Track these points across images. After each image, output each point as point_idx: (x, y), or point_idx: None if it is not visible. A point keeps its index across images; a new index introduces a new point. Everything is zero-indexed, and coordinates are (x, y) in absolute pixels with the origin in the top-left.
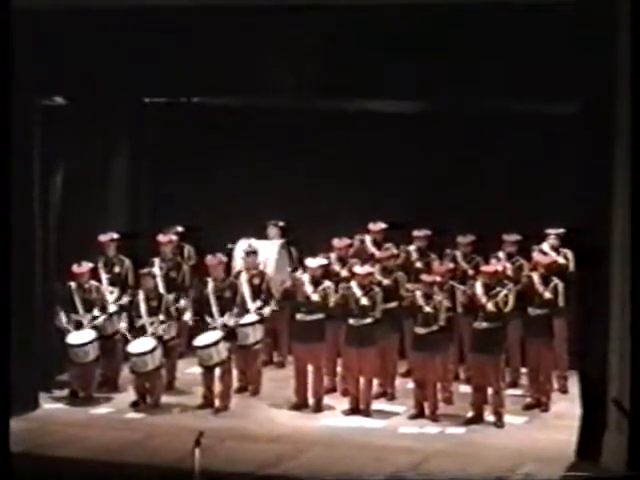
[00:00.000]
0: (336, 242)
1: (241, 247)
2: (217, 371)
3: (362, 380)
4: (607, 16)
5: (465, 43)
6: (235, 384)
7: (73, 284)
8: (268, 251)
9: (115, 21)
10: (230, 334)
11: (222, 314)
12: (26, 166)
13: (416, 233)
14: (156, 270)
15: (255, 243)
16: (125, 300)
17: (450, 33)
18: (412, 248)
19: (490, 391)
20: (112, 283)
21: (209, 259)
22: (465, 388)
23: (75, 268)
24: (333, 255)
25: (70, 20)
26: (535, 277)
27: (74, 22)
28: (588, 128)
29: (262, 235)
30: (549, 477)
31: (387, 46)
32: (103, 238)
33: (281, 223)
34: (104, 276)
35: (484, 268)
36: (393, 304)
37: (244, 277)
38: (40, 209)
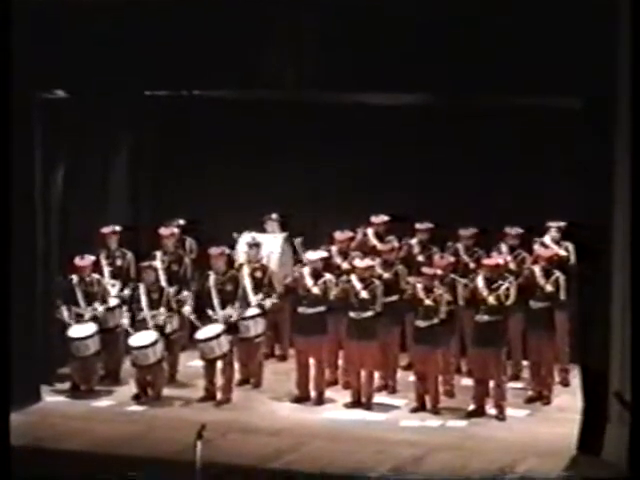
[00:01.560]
0: (338, 235)
1: (244, 240)
2: (219, 364)
3: (363, 373)
4: (608, 13)
5: (466, 38)
6: (237, 377)
7: (75, 277)
8: (272, 245)
9: (115, 14)
10: (232, 327)
11: (224, 307)
12: (27, 159)
13: (418, 226)
14: (158, 263)
15: (258, 237)
16: (127, 293)
17: (451, 27)
18: (414, 241)
19: (492, 384)
20: (114, 276)
21: (212, 250)
22: (467, 381)
23: (78, 261)
24: (334, 248)
25: (70, 13)
26: (536, 270)
27: (74, 15)
28: (589, 122)
29: (262, 228)
30: (551, 470)
31: (388, 39)
32: (105, 230)
33: (274, 215)
34: (106, 269)
35: (486, 261)
36: (394, 297)
37: (246, 270)
38: (41, 202)
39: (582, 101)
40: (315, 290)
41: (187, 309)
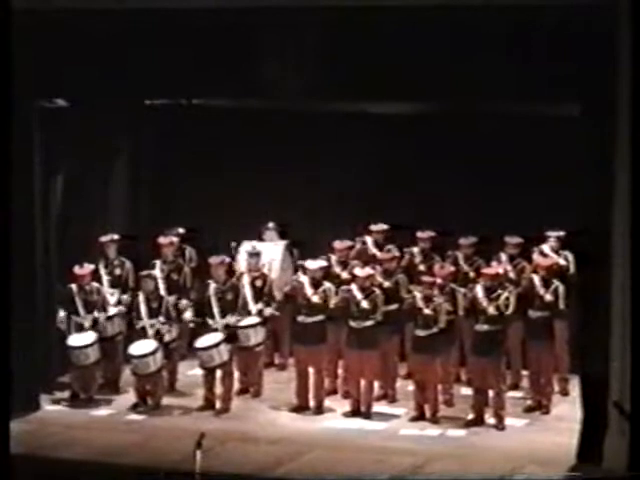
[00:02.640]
0: (337, 244)
1: (244, 249)
2: (218, 373)
3: (363, 382)
4: (607, 17)
5: (466, 44)
6: (236, 386)
7: (74, 286)
8: (272, 253)
9: (115, 22)
10: (232, 336)
11: (223, 316)
12: (27, 168)
13: (420, 234)
14: (157, 272)
15: (259, 245)
16: (126, 302)
17: (451, 34)
18: (416, 250)
19: (491, 393)
20: (113, 285)
21: (212, 259)
22: (466, 390)
23: (77, 270)
24: (334, 257)
25: (70, 22)
26: (536, 279)
27: (74, 24)
28: (589, 131)
29: (260, 238)
30: (549, 479)
31: (388, 47)
32: (104, 239)
33: (271, 224)
34: (105, 278)
35: (485, 270)
36: (394, 306)
37: (246, 279)
38: (41, 211)
39: (581, 109)
40: (315, 299)
41: (188, 315)
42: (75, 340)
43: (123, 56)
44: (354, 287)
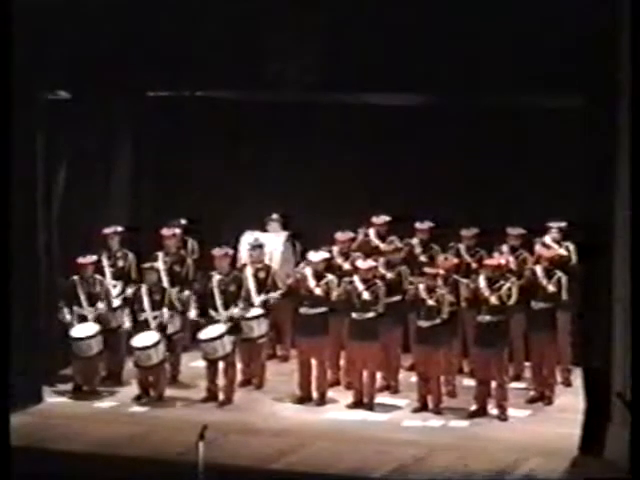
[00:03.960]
0: (339, 235)
1: (246, 240)
2: (221, 364)
3: (365, 374)
4: (608, 14)
5: (467, 37)
6: (239, 377)
7: (76, 278)
8: (274, 244)
9: (117, 14)
10: (235, 327)
11: (227, 308)
12: (29, 160)
13: (418, 226)
14: (160, 264)
15: (261, 236)
16: (128, 294)
17: (452, 26)
18: (415, 241)
19: (494, 384)
20: (115, 277)
21: (216, 250)
22: (469, 381)
23: (80, 259)
24: (335, 248)
25: (72, 13)
26: (538, 270)
27: (76, 15)
28: (590, 123)
29: (264, 229)
30: (553, 470)
31: (389, 39)
32: (107, 231)
33: (275, 215)
34: (108, 270)
35: (487, 261)
36: (396, 298)
37: (249, 271)
38: (43, 202)
39: (582, 101)
40: (317, 291)
41: (193, 313)
42: (78, 331)
43: (125, 48)
44: (356, 279)
